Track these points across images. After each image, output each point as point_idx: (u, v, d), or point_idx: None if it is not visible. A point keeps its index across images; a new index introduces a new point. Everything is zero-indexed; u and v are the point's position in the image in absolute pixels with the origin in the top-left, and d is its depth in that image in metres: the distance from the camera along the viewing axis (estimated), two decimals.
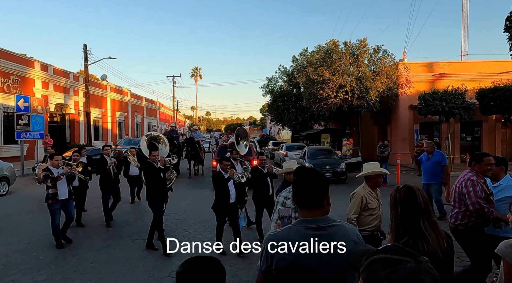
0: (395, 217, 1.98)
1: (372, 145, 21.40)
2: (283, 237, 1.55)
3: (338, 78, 16.58)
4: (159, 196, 5.63)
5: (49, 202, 5.55)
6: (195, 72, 62.65)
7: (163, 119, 47.12)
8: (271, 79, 25.91)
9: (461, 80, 17.24)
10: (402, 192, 1.98)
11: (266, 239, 1.60)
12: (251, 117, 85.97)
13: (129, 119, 34.10)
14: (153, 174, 5.60)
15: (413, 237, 1.88)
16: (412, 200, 1.92)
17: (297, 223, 1.59)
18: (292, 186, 1.71)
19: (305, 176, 1.64)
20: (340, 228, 1.59)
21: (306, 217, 1.58)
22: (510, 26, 7.04)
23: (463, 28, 29.95)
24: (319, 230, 1.54)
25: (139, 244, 5.80)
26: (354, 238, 1.58)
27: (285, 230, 1.60)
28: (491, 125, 18.58)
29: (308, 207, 1.58)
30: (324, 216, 1.59)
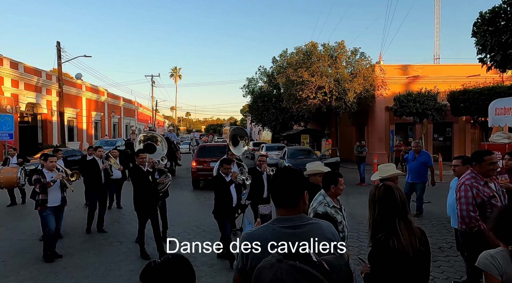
0: (373, 214, 2.01)
1: (350, 145, 21.87)
2: (258, 236, 1.54)
3: (317, 79, 16.84)
4: (147, 202, 5.19)
5: (39, 208, 5.09)
6: (175, 72, 61.75)
7: (141, 119, 46.12)
8: (251, 79, 25.97)
9: (434, 83, 17.95)
10: (381, 190, 2.01)
11: (241, 238, 1.60)
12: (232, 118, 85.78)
13: (106, 119, 33.12)
14: (140, 177, 5.20)
15: (386, 234, 1.92)
16: (390, 199, 1.97)
17: (273, 222, 1.59)
18: (269, 185, 1.73)
19: (282, 175, 1.63)
20: (316, 226, 1.59)
21: (282, 215, 1.58)
22: (477, 31, 7.38)
23: (435, 32, 31.26)
24: (295, 229, 1.54)
25: (116, 247, 5.64)
26: (329, 236, 1.59)
27: (261, 228, 1.60)
28: (461, 126, 19.45)
29: (284, 205, 1.58)
30: (300, 214, 1.58)
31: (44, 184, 5.04)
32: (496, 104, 7.12)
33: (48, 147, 19.81)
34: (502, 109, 6.80)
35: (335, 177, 3.10)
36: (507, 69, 7.35)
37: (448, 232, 6.02)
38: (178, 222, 7.06)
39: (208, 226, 6.67)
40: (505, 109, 6.68)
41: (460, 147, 19.43)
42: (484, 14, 7.25)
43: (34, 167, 12.87)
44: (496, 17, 7.03)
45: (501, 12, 6.94)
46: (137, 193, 5.23)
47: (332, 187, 3.04)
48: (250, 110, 27.36)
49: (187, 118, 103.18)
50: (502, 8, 6.91)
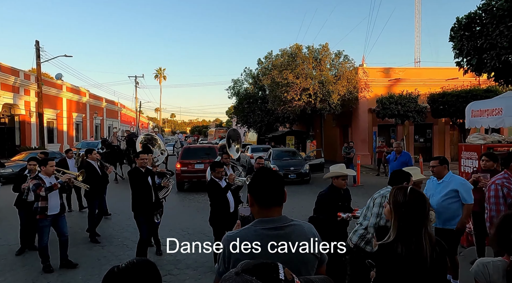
0: (395, 219, 1.88)
1: (334, 146, 22.19)
2: (240, 238, 1.53)
3: (302, 81, 17.01)
4: (146, 207, 4.85)
5: (37, 217, 4.66)
6: (159, 73, 61.00)
7: (125, 121, 45.28)
8: (236, 81, 25.96)
9: (414, 86, 18.44)
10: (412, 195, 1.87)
11: (223, 240, 1.58)
12: (217, 119, 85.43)
13: (88, 120, 32.35)
14: (140, 180, 4.85)
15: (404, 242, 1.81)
16: (420, 206, 1.85)
17: (254, 224, 1.58)
18: (250, 185, 1.67)
19: (265, 175, 1.64)
20: (298, 227, 1.59)
21: (264, 216, 1.57)
22: (455, 36, 7.64)
23: (416, 36, 32.16)
24: (277, 230, 1.53)
25: (97, 251, 5.51)
26: (310, 237, 1.59)
27: (243, 230, 1.59)
28: (441, 128, 20.06)
29: (268, 206, 1.58)
30: (282, 216, 1.59)
31: (50, 186, 4.64)
32: (472, 106, 7.37)
33: (26, 149, 19.16)
34: (478, 111, 7.04)
35: (407, 175, 3.16)
36: (483, 73, 7.63)
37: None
38: (162, 224, 6.95)
39: (194, 229, 6.62)
40: (480, 111, 6.92)
41: (440, 147, 20.03)
42: (460, 20, 7.52)
43: (11, 170, 12.46)
44: (471, 23, 7.30)
45: (476, 18, 7.21)
46: (136, 197, 4.84)
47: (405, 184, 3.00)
48: (235, 111, 27.33)
49: (172, 119, 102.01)
50: (477, 14, 7.18)
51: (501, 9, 6.50)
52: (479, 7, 7.20)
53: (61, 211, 4.87)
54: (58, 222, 4.86)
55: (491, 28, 6.73)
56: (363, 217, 3.42)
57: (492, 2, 6.84)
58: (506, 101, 6.27)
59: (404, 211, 1.83)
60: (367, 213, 3.37)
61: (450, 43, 8.04)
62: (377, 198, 3.21)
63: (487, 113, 6.74)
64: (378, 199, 3.19)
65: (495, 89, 14.19)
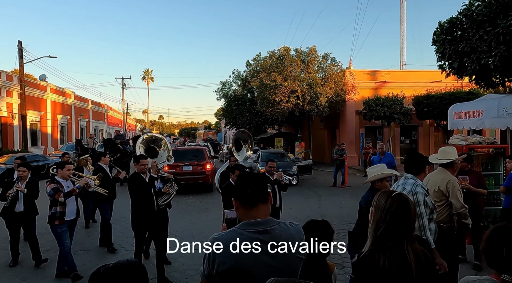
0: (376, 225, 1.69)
1: (322, 148, 22.40)
2: (225, 240, 1.51)
3: (290, 83, 17.13)
4: (146, 217, 4.45)
5: (56, 223, 4.42)
6: (146, 74, 60.39)
7: (111, 123, 44.59)
8: (225, 83, 25.94)
9: (400, 88, 18.80)
10: (395, 201, 1.67)
11: (209, 242, 1.56)
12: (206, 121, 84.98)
13: (73, 123, 31.72)
14: (141, 188, 4.44)
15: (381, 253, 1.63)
16: (405, 214, 1.65)
17: (240, 226, 1.57)
18: (235, 187, 1.66)
19: (250, 177, 1.64)
20: (284, 229, 1.57)
21: (250, 218, 1.56)
22: (437, 40, 7.85)
23: (401, 40, 32.84)
24: (263, 233, 1.51)
25: (81, 256, 5.40)
26: (297, 240, 1.57)
27: (228, 233, 1.57)
28: (426, 129, 20.50)
29: (253, 204, 1.56)
30: (268, 218, 1.57)
31: (69, 191, 4.43)
32: (454, 108, 7.58)
33: (8, 152, 18.64)
34: (460, 113, 7.25)
35: (424, 159, 3.03)
36: (464, 76, 7.87)
37: None
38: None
39: (182, 231, 6.57)
40: (462, 113, 7.13)
41: (425, 148, 20.45)
42: (442, 24, 7.74)
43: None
44: (453, 27, 7.52)
45: (457, 23, 7.44)
46: (136, 206, 4.47)
47: (427, 168, 2.95)
48: (224, 113, 27.30)
49: (160, 121, 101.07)
50: (458, 19, 7.41)
51: (480, 15, 6.72)
52: (460, 12, 7.43)
53: (76, 217, 4.70)
54: (72, 228, 4.68)
55: (471, 33, 6.95)
56: None
57: (472, 7, 7.07)
58: (486, 103, 6.49)
59: (384, 217, 1.64)
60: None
61: (433, 46, 8.27)
62: (418, 195, 2.89)
63: (468, 115, 6.95)
64: (420, 196, 2.88)
65: (477, 92, 14.60)
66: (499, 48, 6.37)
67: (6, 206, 4.90)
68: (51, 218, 4.47)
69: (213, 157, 15.23)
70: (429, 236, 2.81)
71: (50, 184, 4.49)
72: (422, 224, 2.80)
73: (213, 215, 7.74)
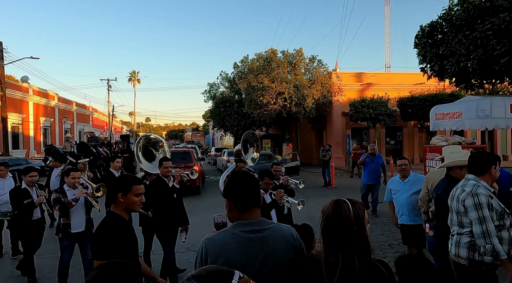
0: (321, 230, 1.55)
1: (309, 149, 22.58)
2: (217, 241, 1.52)
3: (277, 85, 17.23)
4: (169, 224, 4.28)
5: (59, 235, 4.13)
6: (133, 76, 59.62)
7: (97, 125, 43.80)
8: (212, 85, 25.86)
9: (385, 90, 19.15)
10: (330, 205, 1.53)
11: (201, 243, 1.56)
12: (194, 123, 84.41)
13: (57, 125, 31.01)
14: (165, 194, 4.19)
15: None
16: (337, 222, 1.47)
17: (233, 226, 1.57)
18: (226, 188, 1.63)
19: (242, 177, 1.63)
20: (276, 230, 1.57)
21: (243, 219, 1.55)
22: (419, 43, 8.06)
23: (386, 43, 33.53)
24: (255, 233, 1.51)
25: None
26: (290, 240, 1.56)
27: (220, 233, 1.57)
28: (410, 131, 20.92)
29: (246, 209, 1.56)
30: (261, 218, 1.57)
31: (64, 204, 4.06)
32: (436, 110, 7.79)
33: None
34: (441, 114, 7.45)
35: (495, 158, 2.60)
36: (444, 78, 8.09)
37: (397, 230, 6.43)
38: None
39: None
40: (443, 114, 7.33)
41: (409, 149, 20.87)
42: (424, 28, 7.96)
43: None
44: (434, 31, 7.74)
45: (438, 27, 7.66)
46: (157, 214, 4.16)
47: (492, 168, 2.53)
48: (212, 115, 27.19)
49: (147, 123, 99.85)
50: (438, 23, 7.64)
51: (459, 19, 6.93)
52: (440, 16, 7.65)
53: (87, 229, 4.22)
54: (83, 242, 4.17)
55: (451, 36, 7.16)
56: (451, 222, 2.75)
57: (451, 12, 7.29)
58: (465, 105, 6.69)
59: (322, 223, 1.50)
60: (456, 218, 2.68)
61: (416, 49, 8.48)
62: (467, 198, 2.52)
63: (449, 117, 7.15)
64: (469, 200, 2.50)
65: (458, 94, 15.02)
66: (476, 51, 6.59)
67: (14, 214, 4.62)
68: (56, 230, 4.20)
69: (200, 159, 15.16)
70: (497, 244, 2.38)
71: (54, 193, 4.21)
72: (486, 230, 2.40)
73: (199, 218, 7.70)
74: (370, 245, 1.50)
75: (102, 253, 1.96)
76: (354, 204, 1.49)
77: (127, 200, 2.18)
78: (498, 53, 6.36)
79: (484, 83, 8.01)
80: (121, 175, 5.11)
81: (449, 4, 7.44)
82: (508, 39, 6.25)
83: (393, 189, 4.51)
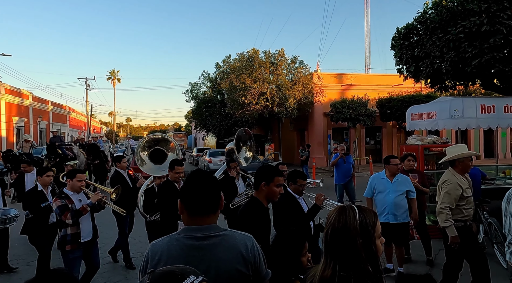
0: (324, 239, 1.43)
1: (291, 149, 22.71)
2: (159, 247, 1.44)
3: (259, 85, 17.25)
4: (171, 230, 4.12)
5: (67, 248, 3.59)
6: (112, 75, 58.20)
7: (74, 125, 42.52)
8: (194, 85, 25.62)
9: (365, 91, 19.53)
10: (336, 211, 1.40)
11: (147, 249, 1.49)
12: (176, 123, 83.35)
13: (31, 125, 29.86)
14: (174, 200, 4.00)
15: None
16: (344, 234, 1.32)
17: (179, 231, 1.49)
18: (181, 190, 1.54)
19: (199, 179, 1.51)
20: (226, 238, 1.46)
21: (191, 224, 1.46)
22: (395, 45, 8.25)
23: (366, 45, 34.21)
24: (199, 240, 1.42)
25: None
26: (242, 251, 1.45)
27: (165, 238, 1.49)
28: (389, 131, 21.43)
29: (197, 214, 1.46)
30: (211, 224, 1.47)
31: (78, 210, 3.57)
32: (412, 110, 7.98)
33: None
34: (417, 115, 7.64)
35: None
36: (420, 79, 8.32)
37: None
38: (114, 233, 6.57)
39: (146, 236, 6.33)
40: (418, 115, 7.52)
41: (389, 149, 21.37)
42: (400, 30, 8.15)
43: None
44: (409, 33, 7.95)
45: (413, 29, 7.87)
46: (165, 220, 3.87)
47: None
48: (194, 115, 26.92)
49: (127, 124, 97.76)
50: (414, 25, 7.84)
51: (433, 22, 7.14)
52: (415, 19, 7.86)
53: (94, 237, 3.86)
54: (91, 252, 3.84)
55: (425, 39, 7.37)
56: (508, 228, 2.65)
57: (426, 15, 7.50)
58: (439, 105, 6.88)
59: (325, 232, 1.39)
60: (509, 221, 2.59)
61: (392, 51, 8.68)
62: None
63: (424, 117, 7.34)
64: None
65: (434, 95, 15.50)
66: (449, 53, 6.80)
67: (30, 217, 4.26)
68: (62, 243, 3.62)
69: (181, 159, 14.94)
70: None
71: (57, 199, 3.61)
72: None
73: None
74: (379, 262, 1.28)
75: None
76: (362, 211, 1.33)
77: (269, 189, 2.31)
78: (469, 55, 6.58)
79: (457, 84, 8.28)
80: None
81: (423, 7, 7.65)
82: (478, 42, 6.49)
83: (378, 188, 4.48)
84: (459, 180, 3.38)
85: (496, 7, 6.21)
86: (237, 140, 5.31)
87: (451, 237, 3.38)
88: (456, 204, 3.33)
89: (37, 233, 4.33)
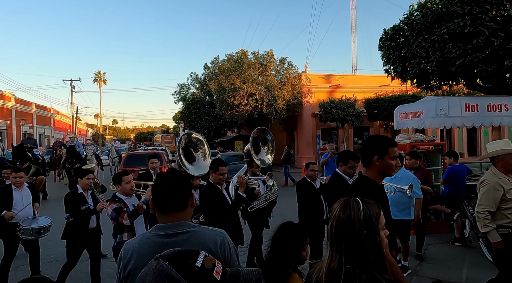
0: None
1: (281, 149, 22.78)
2: (130, 245, 1.46)
3: (248, 86, 17.29)
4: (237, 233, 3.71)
5: None
6: (98, 76, 57.19)
7: (59, 128, 41.55)
8: (183, 86, 25.47)
9: (352, 91, 19.81)
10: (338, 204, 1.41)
11: (122, 248, 1.51)
12: (164, 125, 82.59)
13: (14, 128, 29.06)
14: (218, 202, 3.60)
15: None
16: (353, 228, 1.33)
17: (152, 229, 1.50)
18: (152, 188, 1.55)
19: (169, 177, 1.54)
20: (195, 234, 1.45)
21: (162, 222, 1.47)
22: (383, 45, 8.43)
23: (353, 46, 34.75)
24: (168, 237, 1.42)
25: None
26: (210, 245, 1.43)
27: (138, 237, 1.51)
28: (376, 130, 21.79)
29: (165, 211, 1.47)
30: (181, 221, 1.46)
31: (134, 209, 3.39)
32: (399, 110, 8.17)
33: None
34: (404, 114, 7.83)
35: None
36: (406, 79, 8.53)
37: None
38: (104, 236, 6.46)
39: None
40: (406, 114, 7.71)
41: None
42: (387, 31, 8.34)
43: None
44: (396, 34, 8.14)
45: (399, 30, 8.07)
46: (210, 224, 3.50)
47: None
48: (182, 117, 26.76)
49: (114, 126, 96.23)
50: (400, 26, 8.04)
51: (419, 23, 7.34)
52: (401, 20, 8.05)
53: None
54: None
55: (412, 40, 7.56)
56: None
57: (412, 16, 7.70)
58: (426, 105, 7.07)
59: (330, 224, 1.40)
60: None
61: (380, 52, 8.86)
62: None
63: (411, 116, 7.52)
64: None
65: (419, 95, 15.87)
66: (435, 54, 7.00)
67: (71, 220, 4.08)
68: (118, 249, 3.28)
69: (171, 161, 14.85)
70: None
71: (111, 203, 3.47)
72: None
73: None
74: (384, 254, 1.30)
75: None
76: (366, 203, 1.34)
77: (383, 163, 2.03)
78: (453, 56, 6.79)
79: (442, 84, 8.52)
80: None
81: (409, 9, 7.85)
82: (462, 43, 6.70)
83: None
84: (500, 180, 2.95)
85: (479, 9, 6.44)
86: (254, 140, 5.21)
87: (494, 243, 2.94)
88: (498, 206, 2.91)
89: (75, 238, 4.17)
